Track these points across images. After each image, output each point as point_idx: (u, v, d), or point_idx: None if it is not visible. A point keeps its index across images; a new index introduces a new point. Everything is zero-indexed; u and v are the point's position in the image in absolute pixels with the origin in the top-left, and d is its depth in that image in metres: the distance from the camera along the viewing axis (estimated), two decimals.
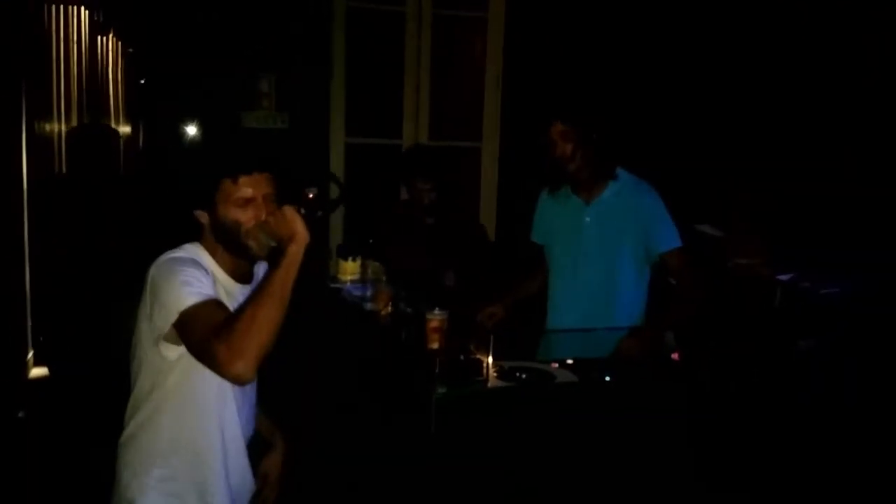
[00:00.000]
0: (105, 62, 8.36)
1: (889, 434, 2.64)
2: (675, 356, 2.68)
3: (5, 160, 4.66)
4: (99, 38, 7.77)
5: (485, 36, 5.15)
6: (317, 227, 1.86)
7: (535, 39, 5.07)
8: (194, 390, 1.79)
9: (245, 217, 1.79)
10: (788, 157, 4.05)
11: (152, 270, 1.75)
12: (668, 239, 2.81)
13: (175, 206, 1.90)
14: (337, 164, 4.88)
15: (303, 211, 1.74)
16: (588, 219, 2.86)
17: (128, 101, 9.65)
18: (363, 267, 3.20)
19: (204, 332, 1.61)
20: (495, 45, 5.13)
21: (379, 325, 2.78)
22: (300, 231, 1.70)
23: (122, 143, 6.41)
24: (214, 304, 1.69)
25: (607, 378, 2.46)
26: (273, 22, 4.64)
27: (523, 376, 2.36)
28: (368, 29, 5.04)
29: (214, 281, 1.79)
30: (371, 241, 3.47)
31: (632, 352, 2.59)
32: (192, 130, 4.61)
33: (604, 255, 2.84)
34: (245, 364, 1.56)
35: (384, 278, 3.02)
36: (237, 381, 1.62)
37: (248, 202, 1.80)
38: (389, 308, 2.82)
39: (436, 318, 2.40)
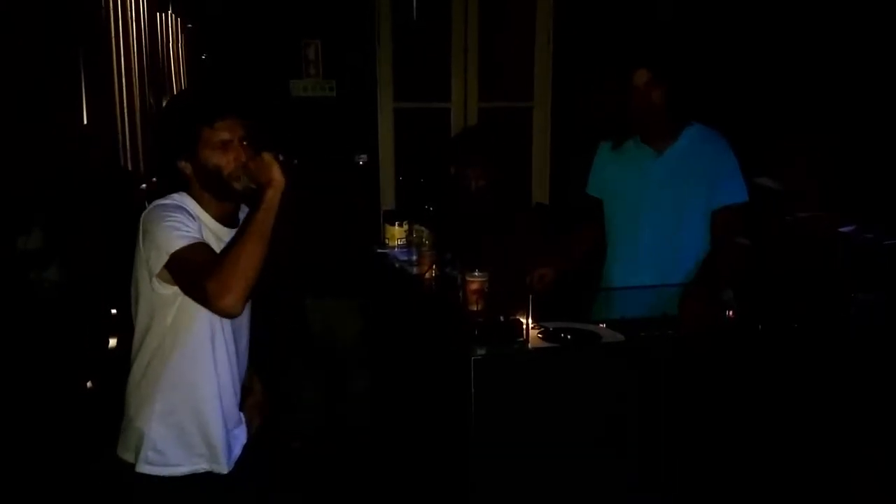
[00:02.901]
0: (165, 39, 8.50)
1: None
2: (730, 314, 2.59)
3: (66, 140, 4.78)
4: (158, 14, 7.89)
5: None
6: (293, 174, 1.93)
7: None
8: (190, 328, 1.90)
9: (226, 160, 1.90)
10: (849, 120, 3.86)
11: (144, 216, 1.88)
12: (736, 192, 2.74)
13: (161, 162, 2.01)
14: (385, 130, 4.87)
15: (281, 157, 1.84)
16: (659, 169, 2.77)
17: (190, 77, 9.79)
18: (409, 232, 3.20)
19: (194, 271, 1.77)
20: (545, 1, 5.02)
21: (423, 288, 2.78)
22: (277, 177, 1.82)
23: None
24: (202, 246, 1.83)
25: (655, 333, 2.39)
26: None
27: (568, 337, 2.32)
28: None
29: (202, 226, 1.91)
30: (429, 208, 3.34)
31: (695, 314, 2.45)
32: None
33: (673, 206, 2.74)
34: (233, 297, 1.72)
35: (428, 243, 3.00)
36: (227, 313, 1.77)
37: (225, 145, 1.91)
38: (434, 272, 2.82)
39: (476, 279, 2.37)
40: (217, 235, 1.94)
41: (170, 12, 8.65)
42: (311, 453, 3.71)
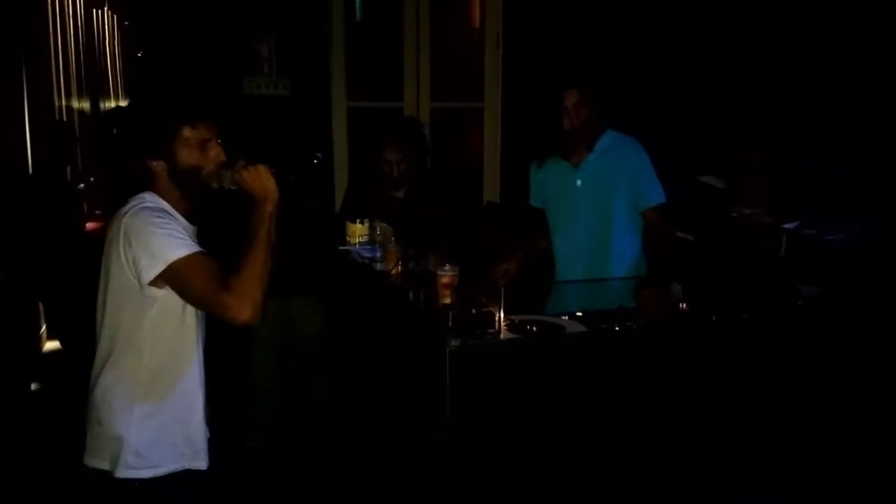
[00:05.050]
0: (101, 37, 8.30)
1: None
2: (683, 306, 2.71)
3: (10, 137, 4.67)
4: (94, 11, 7.71)
5: None
6: (291, 191, 1.98)
7: None
8: (174, 327, 1.90)
9: (205, 159, 1.91)
10: (788, 116, 4.04)
11: (126, 220, 1.84)
12: (652, 195, 2.93)
13: (128, 160, 1.96)
14: (339, 129, 4.88)
15: (274, 170, 1.88)
16: (578, 181, 2.97)
17: (126, 75, 9.58)
18: (372, 229, 3.22)
19: (206, 283, 1.79)
20: (494, 3, 5.10)
21: (390, 284, 2.81)
22: (273, 190, 1.87)
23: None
24: (203, 255, 1.84)
25: (616, 328, 2.51)
26: None
27: (534, 329, 2.40)
28: None
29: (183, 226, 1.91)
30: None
31: (651, 306, 2.61)
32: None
33: (596, 212, 2.95)
34: (254, 310, 1.80)
35: (393, 239, 3.04)
36: (246, 324, 1.80)
37: (205, 144, 1.91)
38: (399, 267, 2.85)
39: (447, 274, 2.43)
40: (188, 232, 1.92)
41: (106, 9, 8.45)
42: (267, 451, 3.69)
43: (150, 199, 1.90)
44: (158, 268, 1.78)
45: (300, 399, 3.65)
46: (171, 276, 1.80)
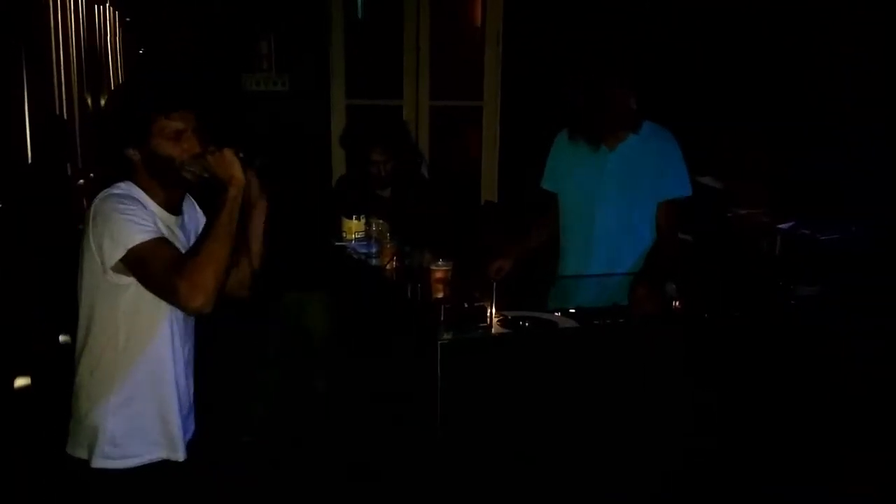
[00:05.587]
0: (102, 33, 8.31)
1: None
2: (676, 304, 2.72)
3: (9, 134, 4.67)
4: (96, 8, 7.72)
5: None
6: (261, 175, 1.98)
7: None
8: (147, 313, 1.88)
9: (178, 150, 1.88)
10: (788, 118, 4.05)
11: (95, 205, 1.84)
12: (681, 186, 2.91)
13: (107, 147, 1.96)
14: (338, 126, 4.88)
15: (241, 155, 1.85)
16: (612, 165, 2.90)
17: (127, 72, 9.57)
18: (368, 225, 3.23)
19: (161, 268, 1.76)
20: (495, 2, 5.11)
21: (385, 280, 2.83)
22: (238, 175, 1.83)
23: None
24: (163, 241, 1.82)
25: (608, 324, 2.52)
26: None
27: (526, 325, 2.41)
28: None
29: (153, 216, 1.88)
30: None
31: (644, 303, 2.61)
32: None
33: (625, 200, 2.89)
34: (206, 297, 1.73)
35: (388, 234, 3.05)
36: (197, 313, 1.78)
37: (179, 134, 1.88)
38: (394, 263, 2.87)
39: (440, 269, 2.46)
40: (165, 223, 1.93)
41: (108, 6, 8.46)
42: (261, 447, 3.70)
43: (124, 187, 1.90)
44: (119, 252, 1.77)
45: (298, 395, 3.66)
46: (132, 262, 1.78)
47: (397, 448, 2.56)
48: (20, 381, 4.19)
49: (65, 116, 5.98)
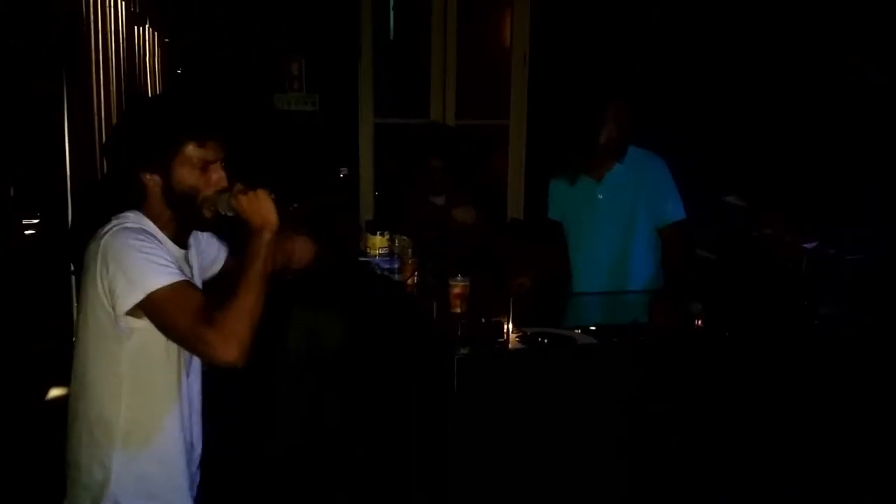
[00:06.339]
0: (142, 53, 8.50)
1: None
2: (699, 322, 2.72)
3: (50, 155, 4.79)
4: (136, 28, 7.91)
5: (511, 13, 5.20)
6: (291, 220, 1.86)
7: (562, 16, 5.09)
8: (156, 361, 1.74)
9: (205, 182, 1.72)
10: (812, 136, 4.03)
11: (105, 241, 1.66)
12: (673, 211, 2.96)
13: (121, 170, 1.78)
14: (366, 145, 4.97)
15: (274, 196, 1.70)
16: (600, 196, 2.99)
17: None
18: (391, 241, 3.28)
19: (188, 317, 1.59)
20: (522, 22, 5.17)
21: (405, 294, 2.87)
22: (272, 220, 1.68)
23: None
24: (187, 285, 1.66)
25: (626, 341, 2.52)
26: (301, 4, 4.75)
27: (545, 341, 2.43)
28: (395, 8, 5.12)
29: (167, 251, 1.72)
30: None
31: (663, 320, 2.62)
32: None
33: (617, 226, 2.98)
34: (240, 350, 1.58)
35: (410, 251, 3.10)
36: (229, 366, 1.59)
37: (207, 165, 1.72)
38: (416, 278, 2.91)
39: (458, 284, 2.49)
40: (174, 257, 1.74)
41: (147, 26, 8.66)
42: (287, 460, 3.74)
43: (133, 218, 1.73)
44: (136, 297, 1.60)
45: (317, 409, 3.70)
46: (150, 308, 1.61)
47: (412, 462, 2.58)
48: (54, 392, 4.28)
49: (104, 138, 6.12)
